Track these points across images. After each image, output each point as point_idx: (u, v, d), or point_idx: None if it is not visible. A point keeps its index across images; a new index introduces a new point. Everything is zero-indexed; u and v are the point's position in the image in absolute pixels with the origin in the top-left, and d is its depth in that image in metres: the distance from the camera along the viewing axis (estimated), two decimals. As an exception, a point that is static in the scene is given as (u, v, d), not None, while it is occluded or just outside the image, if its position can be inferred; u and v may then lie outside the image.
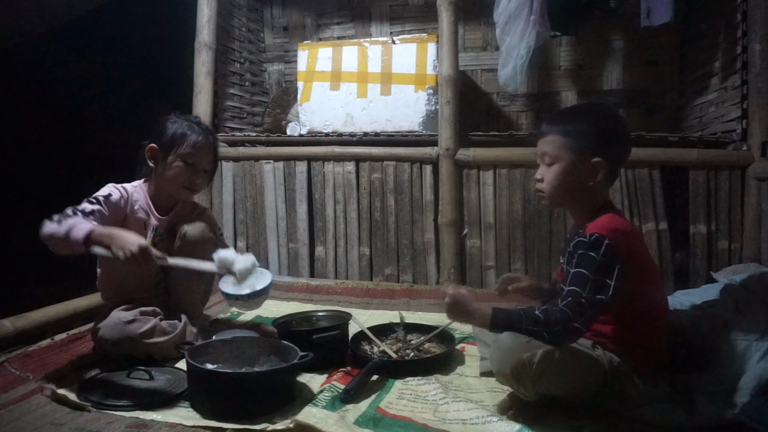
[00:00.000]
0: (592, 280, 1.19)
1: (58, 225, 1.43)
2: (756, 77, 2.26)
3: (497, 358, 1.24)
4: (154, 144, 1.72)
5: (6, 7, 2.88)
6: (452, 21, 2.62)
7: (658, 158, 2.42)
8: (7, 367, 1.53)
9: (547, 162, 1.38)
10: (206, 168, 1.77)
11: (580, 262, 1.23)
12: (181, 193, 1.74)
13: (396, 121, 2.82)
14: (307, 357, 1.37)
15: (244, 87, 3.38)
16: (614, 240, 1.22)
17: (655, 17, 2.46)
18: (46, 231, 1.43)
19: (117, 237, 1.42)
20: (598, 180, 1.33)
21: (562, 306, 1.19)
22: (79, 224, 1.43)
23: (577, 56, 3.17)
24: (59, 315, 1.96)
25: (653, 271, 1.41)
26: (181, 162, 1.70)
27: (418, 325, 1.84)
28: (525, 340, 1.20)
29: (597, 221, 1.28)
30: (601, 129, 1.33)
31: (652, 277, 1.38)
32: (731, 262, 2.34)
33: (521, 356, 1.17)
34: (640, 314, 1.30)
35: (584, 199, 1.37)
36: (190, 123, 1.76)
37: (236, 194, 2.92)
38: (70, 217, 1.47)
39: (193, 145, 1.70)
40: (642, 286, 1.30)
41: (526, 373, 1.18)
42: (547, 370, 1.17)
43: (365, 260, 2.75)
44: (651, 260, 1.45)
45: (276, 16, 3.63)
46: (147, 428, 1.21)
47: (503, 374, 1.24)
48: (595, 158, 1.32)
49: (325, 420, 1.21)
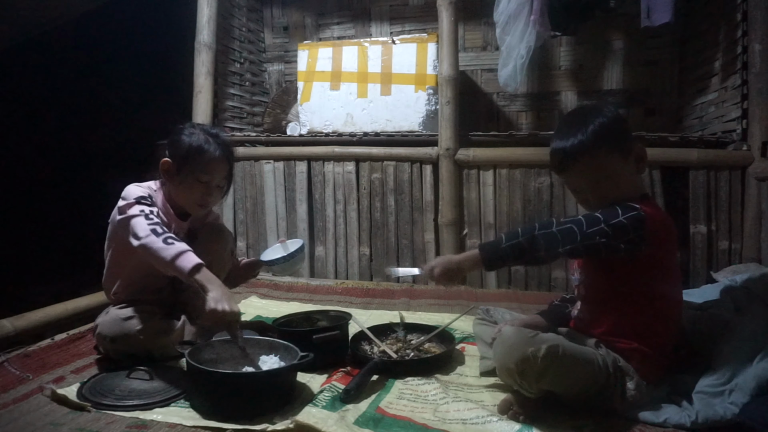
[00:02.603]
0: (611, 221, 1.21)
1: (164, 243, 1.43)
2: (756, 77, 2.26)
3: (501, 352, 1.23)
4: (168, 159, 1.67)
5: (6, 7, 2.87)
6: (452, 21, 2.62)
7: (658, 158, 2.42)
8: (7, 367, 1.53)
9: (588, 185, 1.35)
10: (220, 184, 1.71)
11: (609, 211, 1.24)
12: (193, 209, 1.72)
13: (396, 121, 2.82)
14: (308, 357, 1.37)
15: (244, 87, 3.38)
16: (649, 218, 1.23)
17: (655, 17, 2.46)
18: (154, 245, 1.43)
19: (219, 288, 1.41)
20: (641, 164, 1.34)
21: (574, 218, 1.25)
22: (187, 252, 1.43)
23: (577, 56, 3.17)
24: (59, 315, 1.95)
25: (674, 271, 1.39)
26: (194, 180, 1.65)
27: (418, 325, 1.83)
28: (530, 334, 1.20)
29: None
30: (616, 122, 1.33)
31: (672, 276, 1.36)
32: (731, 262, 2.35)
33: (526, 351, 1.17)
34: (652, 311, 1.30)
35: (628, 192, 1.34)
36: (206, 137, 1.67)
37: (236, 194, 2.92)
38: (177, 239, 1.46)
39: (207, 163, 1.64)
40: (659, 282, 1.30)
41: (531, 368, 1.17)
42: (552, 365, 1.16)
43: (365, 260, 2.75)
44: (675, 259, 1.43)
45: (276, 16, 3.63)
46: (147, 428, 1.21)
47: (507, 369, 1.22)
48: (631, 145, 1.32)
49: (325, 420, 1.20)
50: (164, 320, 1.64)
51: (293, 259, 1.83)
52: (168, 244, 1.44)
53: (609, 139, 1.31)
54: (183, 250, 1.43)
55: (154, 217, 1.52)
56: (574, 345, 1.22)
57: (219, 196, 1.75)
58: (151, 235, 1.45)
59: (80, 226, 1.50)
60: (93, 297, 2.11)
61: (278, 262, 1.83)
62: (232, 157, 1.74)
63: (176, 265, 1.41)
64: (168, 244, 1.44)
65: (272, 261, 1.84)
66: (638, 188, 1.37)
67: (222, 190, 1.75)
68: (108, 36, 3.56)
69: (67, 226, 3.62)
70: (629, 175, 1.34)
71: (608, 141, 1.31)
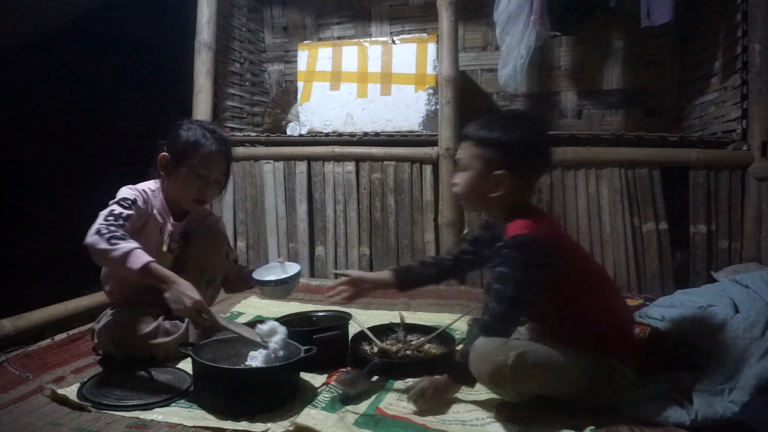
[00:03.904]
0: (514, 279, 1.22)
1: (109, 244, 1.39)
2: (756, 77, 2.26)
3: (473, 364, 1.24)
4: (166, 153, 1.68)
5: (6, 7, 2.88)
6: (452, 21, 2.62)
7: (658, 158, 2.42)
8: (7, 367, 1.53)
9: (461, 167, 1.38)
10: (218, 179, 1.71)
11: (502, 262, 1.24)
12: (191, 205, 1.71)
13: (396, 121, 2.82)
14: (312, 351, 1.38)
15: (244, 87, 3.38)
16: (533, 239, 1.23)
17: (655, 17, 2.46)
18: (98, 246, 1.40)
19: (173, 284, 1.40)
20: (501, 192, 1.32)
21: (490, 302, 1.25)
22: (134, 251, 1.40)
23: (577, 56, 3.17)
24: (59, 315, 1.96)
25: (585, 259, 1.41)
26: (191, 174, 1.65)
27: (418, 325, 1.83)
28: (499, 342, 1.21)
29: (511, 226, 1.27)
30: (508, 141, 1.31)
31: (587, 266, 1.39)
32: (731, 262, 2.35)
33: (496, 361, 1.18)
34: (588, 303, 1.30)
35: (495, 207, 1.38)
36: (203, 131, 1.67)
37: (236, 194, 2.92)
38: (123, 239, 1.42)
39: (204, 156, 1.64)
40: (579, 276, 1.31)
41: (503, 378, 1.18)
42: (523, 372, 1.17)
43: (365, 260, 2.75)
44: (580, 251, 1.45)
45: (276, 16, 3.63)
46: (147, 428, 1.21)
47: (482, 380, 1.25)
48: (498, 171, 1.30)
49: (325, 421, 1.20)
50: (168, 323, 1.64)
51: (285, 285, 1.74)
52: (112, 245, 1.39)
53: (487, 147, 1.32)
54: (129, 249, 1.39)
55: (113, 218, 1.47)
56: (546, 349, 1.22)
57: (217, 191, 1.75)
58: (94, 235, 1.41)
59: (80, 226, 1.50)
60: (93, 297, 2.11)
61: (269, 284, 1.75)
62: (229, 152, 1.74)
63: (125, 266, 1.38)
64: (112, 245, 1.39)
65: (263, 282, 1.76)
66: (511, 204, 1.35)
67: (220, 185, 1.74)
68: (108, 36, 3.55)
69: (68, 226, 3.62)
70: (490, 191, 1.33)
71: (486, 149, 1.32)
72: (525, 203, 1.38)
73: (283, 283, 1.74)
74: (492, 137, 1.32)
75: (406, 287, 1.67)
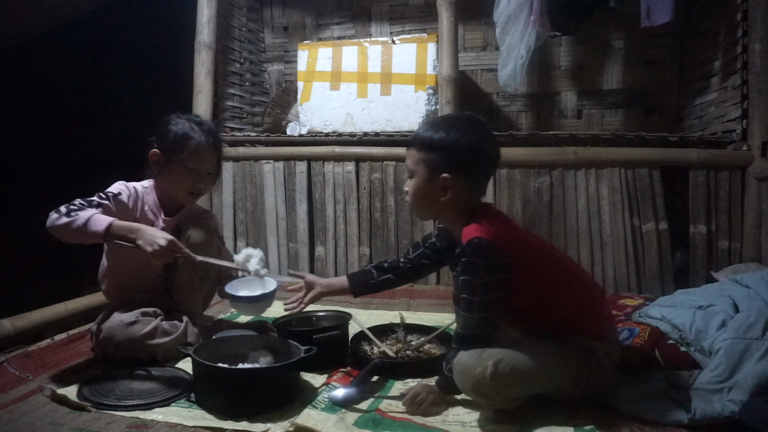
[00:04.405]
0: (479, 285, 1.21)
1: (68, 217, 1.43)
2: (756, 77, 2.26)
3: (457, 379, 1.23)
4: (157, 149, 1.69)
5: (6, 6, 2.87)
6: (452, 21, 2.62)
7: (658, 158, 2.42)
8: (7, 367, 1.53)
9: (408, 174, 1.37)
10: (210, 170, 1.73)
11: (464, 270, 1.23)
12: (185, 198, 1.72)
13: (396, 121, 2.82)
14: (312, 351, 1.38)
15: (244, 87, 3.38)
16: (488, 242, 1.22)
17: (655, 17, 2.46)
18: (57, 222, 1.43)
19: (143, 231, 1.44)
20: (449, 197, 1.31)
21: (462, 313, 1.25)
22: (96, 216, 1.44)
23: (577, 56, 3.17)
24: (59, 315, 1.96)
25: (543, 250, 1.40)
26: (183, 168, 1.66)
27: (418, 325, 1.83)
28: (477, 354, 1.20)
29: (465, 230, 1.27)
30: (451, 144, 1.29)
31: (546, 256, 1.38)
32: (731, 262, 2.34)
33: (475, 373, 1.17)
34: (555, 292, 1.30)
35: (447, 213, 1.36)
36: (191, 124, 1.69)
37: (236, 194, 2.92)
38: (82, 209, 1.46)
39: (194, 149, 1.66)
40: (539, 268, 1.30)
41: (486, 389, 1.18)
42: (504, 380, 1.17)
43: (365, 260, 2.75)
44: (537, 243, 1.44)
45: (276, 16, 3.63)
46: (147, 428, 1.21)
47: (468, 394, 1.25)
48: (443, 174, 1.29)
49: (324, 422, 1.21)
50: (168, 323, 1.64)
51: (258, 303, 1.62)
52: (72, 217, 1.43)
53: (430, 152, 1.30)
54: (89, 216, 1.43)
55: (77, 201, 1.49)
56: (522, 350, 1.21)
57: (210, 183, 1.76)
58: (53, 213, 1.45)
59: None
60: (93, 297, 2.11)
61: (240, 300, 1.62)
62: (219, 143, 1.77)
63: (89, 232, 1.42)
64: (72, 217, 1.43)
65: (234, 297, 1.63)
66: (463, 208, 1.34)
67: (212, 177, 1.76)
68: (107, 36, 3.55)
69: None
70: (437, 196, 1.32)
71: (429, 153, 1.31)
72: (476, 205, 1.36)
73: (256, 301, 1.62)
74: (433, 140, 1.30)
75: (360, 293, 1.65)
